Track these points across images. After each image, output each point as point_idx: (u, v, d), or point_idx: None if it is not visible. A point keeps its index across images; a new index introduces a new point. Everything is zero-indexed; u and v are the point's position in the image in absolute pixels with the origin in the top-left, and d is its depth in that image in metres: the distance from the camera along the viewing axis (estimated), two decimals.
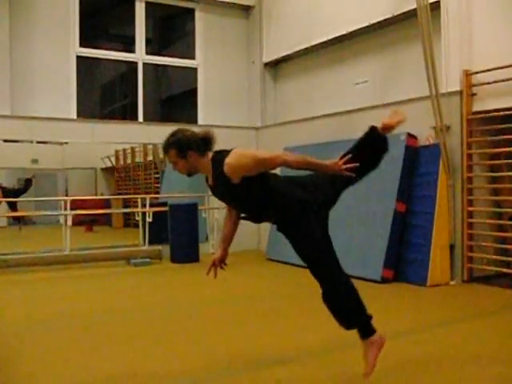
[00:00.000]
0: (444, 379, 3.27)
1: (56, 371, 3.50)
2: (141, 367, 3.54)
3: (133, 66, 9.44)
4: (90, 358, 3.75)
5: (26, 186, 12.16)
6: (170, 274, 7.53)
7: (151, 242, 8.63)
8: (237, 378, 3.37)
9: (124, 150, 12.30)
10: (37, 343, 4.14)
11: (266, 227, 8.81)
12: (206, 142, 2.99)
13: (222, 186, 2.96)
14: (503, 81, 5.87)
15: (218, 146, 3.08)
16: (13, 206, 11.44)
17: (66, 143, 10.22)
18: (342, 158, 3.00)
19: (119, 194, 12.30)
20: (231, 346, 4.00)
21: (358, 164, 2.94)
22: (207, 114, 9.73)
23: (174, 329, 4.53)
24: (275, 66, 9.99)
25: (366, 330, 3.13)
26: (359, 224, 6.93)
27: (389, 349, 3.84)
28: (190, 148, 2.94)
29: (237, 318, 4.87)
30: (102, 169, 12.59)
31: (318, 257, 3.04)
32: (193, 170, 3.03)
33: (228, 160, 2.86)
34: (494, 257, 6.28)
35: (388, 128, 3.40)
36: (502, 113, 5.96)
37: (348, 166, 2.91)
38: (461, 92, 6.26)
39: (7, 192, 11.69)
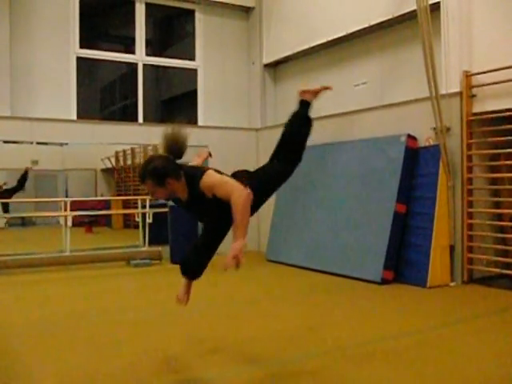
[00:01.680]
0: (444, 380, 3.26)
1: (55, 372, 3.49)
2: (141, 367, 3.54)
3: (133, 67, 9.44)
4: (90, 358, 3.75)
5: (20, 182, 11.54)
6: (170, 274, 7.49)
7: (151, 243, 8.63)
8: (238, 378, 3.37)
9: (124, 151, 12.30)
10: (36, 344, 4.13)
11: (266, 230, 8.82)
12: (177, 153, 3.11)
13: (196, 201, 3.15)
14: (503, 82, 5.87)
15: (220, 147, 3.12)
16: (4, 208, 11.14)
17: (66, 144, 10.21)
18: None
19: (119, 195, 12.30)
20: (231, 346, 4.00)
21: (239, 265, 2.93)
22: (207, 115, 9.74)
23: (174, 329, 4.53)
24: (275, 67, 10.00)
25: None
26: (359, 225, 6.93)
27: (389, 350, 3.85)
28: (168, 176, 3.02)
29: (237, 319, 4.87)
30: (102, 170, 12.58)
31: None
32: (172, 195, 3.17)
33: (204, 179, 3.05)
34: (494, 258, 6.28)
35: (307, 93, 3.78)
36: (502, 114, 5.96)
37: (236, 263, 2.91)
38: (461, 93, 6.26)
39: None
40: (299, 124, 3.68)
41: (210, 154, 3.90)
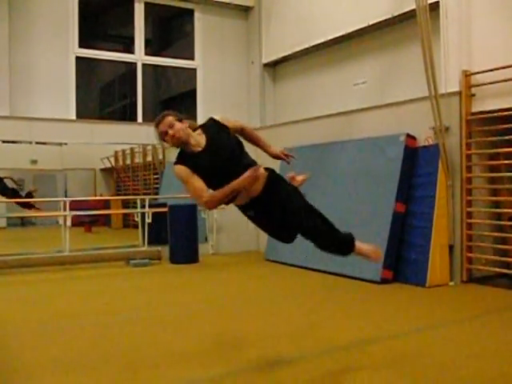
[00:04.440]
0: (443, 379, 3.26)
1: (55, 372, 3.50)
2: (140, 366, 3.54)
3: (132, 66, 9.44)
4: (89, 357, 3.75)
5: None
6: (170, 274, 7.53)
7: (150, 243, 8.63)
8: (237, 377, 3.37)
9: (123, 151, 12.28)
10: (36, 344, 4.14)
11: None
12: None
13: (221, 135, 3.37)
14: (502, 81, 5.87)
15: None
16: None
17: (66, 144, 10.20)
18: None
19: (118, 194, 12.30)
20: (230, 346, 4.00)
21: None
22: (206, 115, 9.59)
23: (173, 329, 4.53)
24: (274, 67, 10.00)
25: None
26: (358, 224, 6.90)
27: (387, 349, 3.85)
28: (183, 118, 3.34)
29: (236, 318, 4.87)
30: (102, 169, 12.56)
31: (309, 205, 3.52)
32: (185, 139, 3.23)
33: (219, 115, 3.51)
34: (493, 257, 6.28)
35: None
36: (501, 113, 5.96)
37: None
38: (460, 92, 6.26)
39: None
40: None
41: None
